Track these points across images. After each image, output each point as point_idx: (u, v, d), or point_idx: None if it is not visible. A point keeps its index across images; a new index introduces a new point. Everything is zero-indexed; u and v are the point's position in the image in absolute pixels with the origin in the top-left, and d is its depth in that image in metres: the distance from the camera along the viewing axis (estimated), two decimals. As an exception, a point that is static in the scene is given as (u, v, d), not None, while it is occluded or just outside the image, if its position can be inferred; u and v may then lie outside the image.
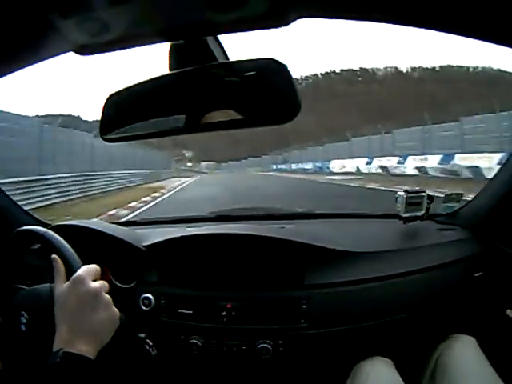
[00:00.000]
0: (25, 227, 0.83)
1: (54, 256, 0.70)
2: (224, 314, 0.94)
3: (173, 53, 0.58)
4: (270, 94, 0.52)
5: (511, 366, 0.91)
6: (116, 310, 0.66)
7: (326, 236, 1.06)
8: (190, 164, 60.84)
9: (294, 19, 0.48)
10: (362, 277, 0.95)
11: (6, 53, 0.55)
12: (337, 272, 0.96)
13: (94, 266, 0.68)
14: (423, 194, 1.12)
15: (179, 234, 1.04)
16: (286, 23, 0.49)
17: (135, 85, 0.59)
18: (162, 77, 0.58)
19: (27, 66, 0.60)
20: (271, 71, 0.52)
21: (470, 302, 1.02)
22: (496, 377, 0.80)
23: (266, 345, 0.91)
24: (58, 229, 1.01)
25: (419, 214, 1.12)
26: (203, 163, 59.18)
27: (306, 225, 1.35)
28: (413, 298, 0.95)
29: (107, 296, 0.65)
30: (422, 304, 0.95)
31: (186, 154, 68.75)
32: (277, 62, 0.51)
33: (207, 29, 0.52)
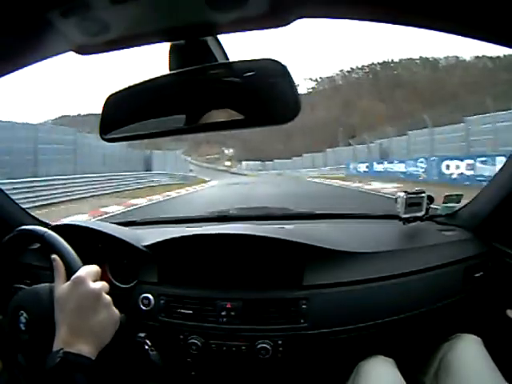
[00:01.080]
0: (24, 227, 0.83)
1: (53, 256, 0.70)
2: (223, 314, 0.94)
3: (173, 53, 0.58)
4: (269, 95, 0.52)
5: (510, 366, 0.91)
6: (116, 310, 0.66)
7: (326, 236, 1.06)
8: (228, 163, 49.77)
9: (294, 19, 0.48)
10: (362, 277, 0.95)
11: (5, 52, 0.55)
12: (336, 272, 0.96)
13: (94, 267, 0.68)
14: (423, 194, 1.12)
15: (179, 234, 1.04)
16: (286, 23, 0.49)
17: (135, 85, 0.59)
18: (162, 77, 0.58)
19: (27, 65, 0.60)
20: (271, 71, 0.51)
21: (470, 302, 1.02)
22: (500, 376, 0.80)
23: (265, 345, 0.90)
24: (58, 229, 1.01)
25: (419, 214, 1.12)
26: (244, 162, 47.60)
27: (305, 225, 1.35)
28: (412, 299, 0.95)
29: (107, 297, 0.65)
30: (422, 304, 0.95)
31: (226, 152, 57.25)
32: (277, 62, 0.51)
33: (207, 29, 0.52)
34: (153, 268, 1.04)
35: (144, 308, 0.99)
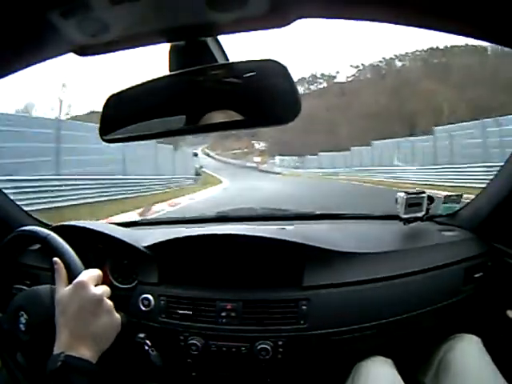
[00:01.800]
0: (27, 228, 0.83)
1: (55, 259, 0.70)
2: (223, 314, 0.94)
3: (173, 53, 0.58)
4: (270, 95, 0.52)
5: (511, 366, 0.90)
6: (118, 315, 0.66)
7: (326, 237, 1.06)
8: (257, 159, 40.24)
9: (295, 19, 0.48)
10: (362, 278, 0.94)
11: (5, 53, 0.55)
12: (337, 273, 0.96)
13: (95, 271, 0.68)
14: (423, 195, 1.12)
15: (179, 235, 1.04)
16: (286, 23, 0.49)
17: (135, 85, 0.59)
18: (162, 77, 0.58)
19: (27, 67, 0.60)
20: (271, 72, 0.51)
21: (470, 302, 1.01)
22: (500, 377, 0.80)
23: (265, 346, 0.90)
24: (59, 229, 1.01)
25: (419, 215, 1.12)
26: (278, 158, 36.93)
27: (306, 226, 1.35)
28: (413, 299, 0.95)
29: (109, 302, 0.65)
30: (423, 305, 0.95)
31: (257, 146, 48.22)
32: (276, 62, 0.50)
33: (207, 29, 0.52)
34: (153, 268, 1.04)
35: (144, 308, 0.99)
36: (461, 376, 0.82)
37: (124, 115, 0.62)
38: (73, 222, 1.15)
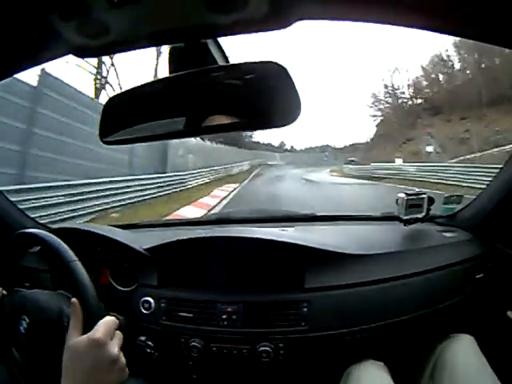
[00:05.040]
0: (52, 242, 0.75)
1: (74, 300, 0.66)
2: (224, 317, 0.94)
3: (173, 56, 0.58)
4: (270, 97, 0.52)
5: (511, 367, 0.90)
6: (127, 370, 0.64)
7: (327, 238, 1.06)
8: None
9: (294, 21, 0.48)
10: (363, 279, 0.94)
11: (5, 55, 0.55)
12: (337, 275, 0.95)
13: (112, 321, 0.64)
14: (423, 195, 1.12)
15: (179, 237, 1.04)
16: (286, 25, 0.48)
17: (135, 87, 0.59)
18: (162, 79, 0.58)
19: (26, 68, 0.60)
20: (271, 74, 0.51)
21: (470, 303, 1.01)
22: (495, 377, 0.80)
23: (266, 348, 0.90)
24: (59, 232, 1.00)
25: (420, 215, 1.12)
26: None
27: (307, 227, 1.35)
28: (413, 300, 0.95)
29: (123, 359, 0.63)
30: (423, 306, 0.95)
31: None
32: (277, 64, 0.50)
33: (207, 31, 0.52)
34: (153, 271, 1.03)
35: (145, 311, 0.99)
36: (456, 376, 0.82)
37: (124, 117, 0.62)
38: (73, 225, 1.15)
